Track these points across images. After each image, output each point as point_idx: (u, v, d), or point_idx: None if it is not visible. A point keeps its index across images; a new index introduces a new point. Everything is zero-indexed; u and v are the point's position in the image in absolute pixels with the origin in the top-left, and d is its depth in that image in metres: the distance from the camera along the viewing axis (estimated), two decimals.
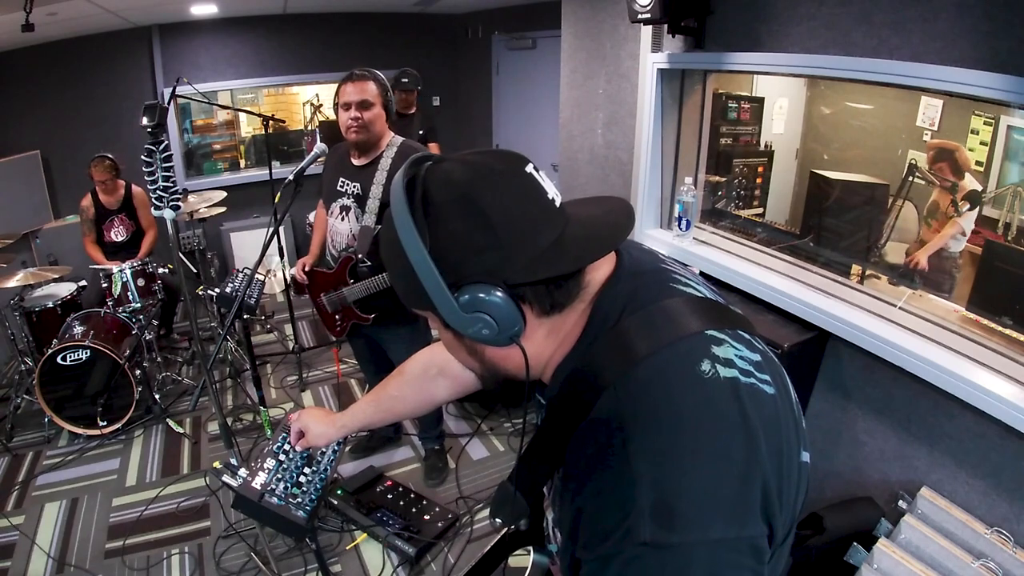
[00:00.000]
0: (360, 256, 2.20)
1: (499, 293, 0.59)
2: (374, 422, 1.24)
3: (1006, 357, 1.56)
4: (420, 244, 0.58)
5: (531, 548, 0.94)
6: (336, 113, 2.17)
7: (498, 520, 0.83)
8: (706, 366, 0.59)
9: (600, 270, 0.67)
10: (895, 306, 1.80)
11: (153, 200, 2.21)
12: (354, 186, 2.21)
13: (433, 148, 3.82)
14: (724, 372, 0.59)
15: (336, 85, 2.17)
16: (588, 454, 0.60)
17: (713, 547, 0.54)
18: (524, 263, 0.60)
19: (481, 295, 0.59)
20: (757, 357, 0.63)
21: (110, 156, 3.48)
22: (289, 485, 1.59)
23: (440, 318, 0.64)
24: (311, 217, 4.39)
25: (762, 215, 2.32)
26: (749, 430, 0.57)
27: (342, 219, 2.25)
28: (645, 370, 0.59)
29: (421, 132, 3.95)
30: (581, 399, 0.62)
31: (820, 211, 2.07)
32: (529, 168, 0.63)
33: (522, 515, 0.80)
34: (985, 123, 1.53)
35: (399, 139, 2.23)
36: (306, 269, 2.40)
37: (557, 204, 0.63)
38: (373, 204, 2.16)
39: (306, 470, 1.64)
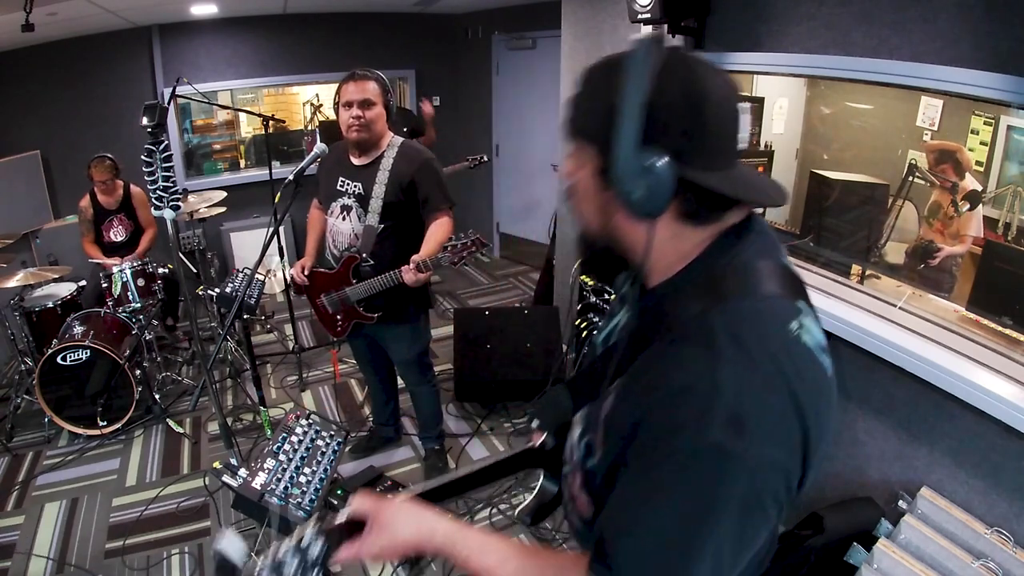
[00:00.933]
0: (364, 255, 2.20)
1: (672, 172, 0.64)
2: None
3: (1006, 357, 1.56)
4: (643, 90, 0.62)
5: (542, 472, 0.96)
6: (336, 113, 2.17)
7: (536, 423, 0.87)
8: (794, 326, 0.66)
9: (737, 215, 0.72)
10: (895, 306, 1.80)
11: (153, 200, 2.20)
12: (355, 186, 2.20)
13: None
14: (805, 338, 0.66)
15: (336, 85, 2.17)
16: (672, 359, 0.65)
17: (765, 466, 0.60)
18: (703, 165, 0.65)
19: (657, 163, 0.63)
20: (824, 341, 0.70)
21: (110, 156, 3.48)
22: (289, 485, 1.59)
23: (602, 161, 0.67)
24: None
25: (762, 215, 2.32)
26: (812, 392, 0.64)
27: (343, 219, 2.24)
28: (745, 307, 0.66)
29: (405, 130, 3.93)
30: (674, 316, 0.68)
31: (820, 211, 2.07)
32: (742, 105, 0.69)
33: (563, 419, 0.83)
34: (985, 123, 1.53)
35: (399, 139, 2.23)
36: (306, 272, 2.35)
37: (739, 147, 0.70)
38: (376, 204, 2.16)
39: (306, 470, 1.64)
